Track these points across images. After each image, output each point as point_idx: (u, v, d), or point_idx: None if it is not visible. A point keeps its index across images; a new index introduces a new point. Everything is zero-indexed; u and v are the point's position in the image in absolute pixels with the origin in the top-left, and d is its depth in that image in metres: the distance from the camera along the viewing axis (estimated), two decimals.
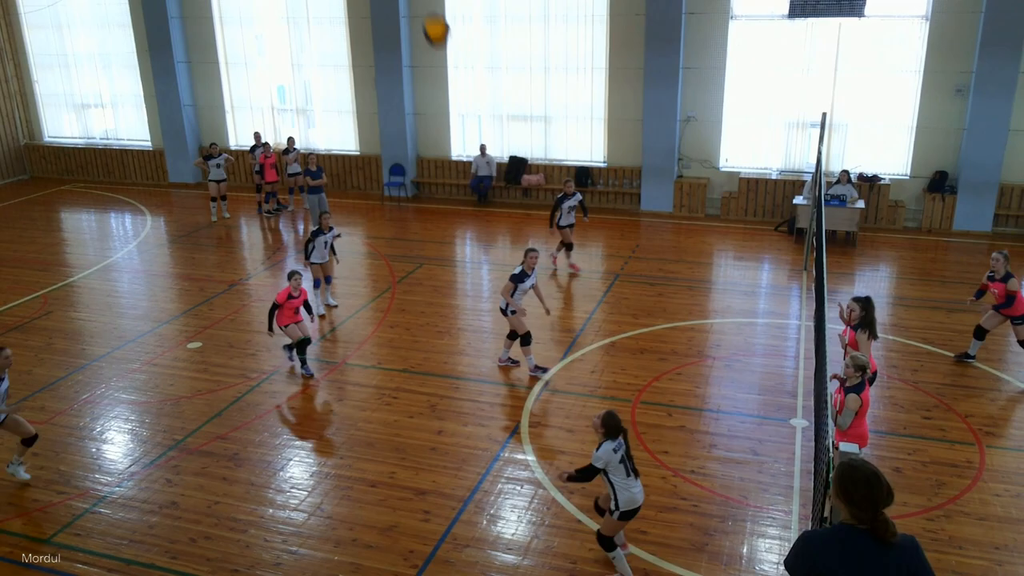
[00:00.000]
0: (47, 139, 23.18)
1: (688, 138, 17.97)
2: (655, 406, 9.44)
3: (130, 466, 8.41)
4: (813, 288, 11.96)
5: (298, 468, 8.34)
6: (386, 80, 19.12)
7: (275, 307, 10.15)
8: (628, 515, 6.44)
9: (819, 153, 13.68)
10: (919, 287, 13.56)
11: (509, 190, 19.39)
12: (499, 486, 7.94)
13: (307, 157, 16.60)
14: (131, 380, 10.35)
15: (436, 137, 19.80)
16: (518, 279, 10.16)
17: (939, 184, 16.64)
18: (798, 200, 16.24)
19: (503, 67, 18.86)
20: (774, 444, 8.63)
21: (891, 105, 16.78)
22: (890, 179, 16.96)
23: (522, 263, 10.31)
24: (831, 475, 3.93)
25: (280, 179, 18.44)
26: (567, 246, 14.15)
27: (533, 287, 10.39)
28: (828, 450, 4.32)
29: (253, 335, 11.63)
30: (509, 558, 6.94)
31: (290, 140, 18.77)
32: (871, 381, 8.18)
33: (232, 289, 13.58)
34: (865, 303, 8.18)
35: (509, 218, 18.14)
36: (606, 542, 6.51)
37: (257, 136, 18.86)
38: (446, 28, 9.11)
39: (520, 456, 8.45)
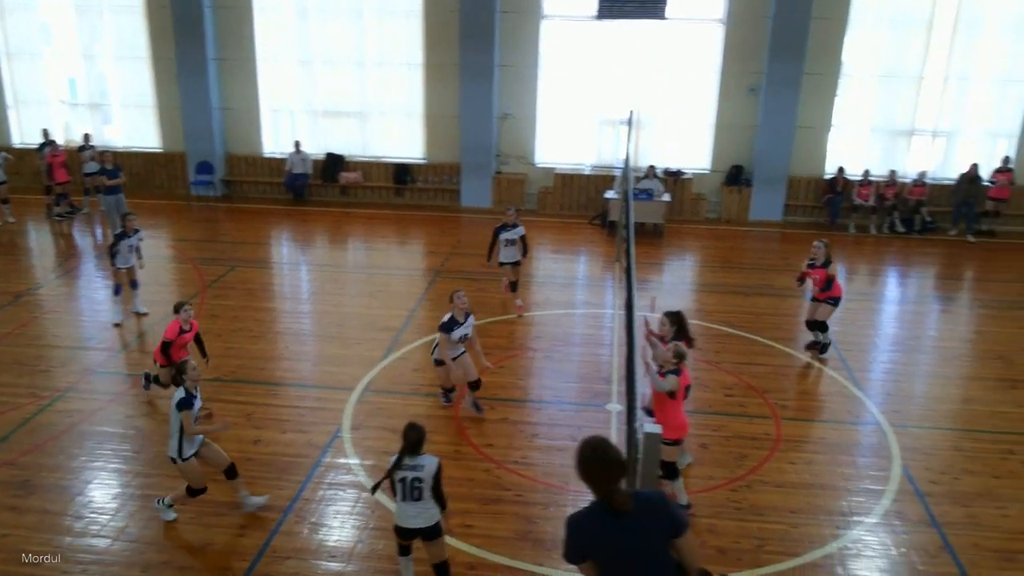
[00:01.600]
0: None
1: (505, 135, 18.26)
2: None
3: None
4: (624, 278, 12.49)
5: (99, 491, 7.73)
6: (189, 73, 18.14)
7: (167, 344, 8.92)
8: (398, 531, 6.15)
9: (627, 149, 14.30)
10: (720, 273, 14.49)
11: (327, 188, 18.93)
12: (321, 493, 7.71)
13: (103, 155, 15.42)
14: None
15: (246, 133, 19.00)
16: (447, 328, 8.70)
17: (735, 178, 17.85)
18: (609, 194, 16.91)
19: (316, 61, 18.38)
20: (592, 429, 8.88)
21: (692, 104, 17.82)
22: (692, 173, 18.00)
23: (451, 309, 8.83)
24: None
25: (73, 179, 17.03)
26: (511, 284, 12.10)
27: (467, 338, 8.91)
28: (636, 432, 4.51)
29: (45, 350, 10.68)
30: (333, 565, 6.76)
31: (86, 137, 17.43)
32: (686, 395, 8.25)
33: (19, 301, 12.41)
34: (676, 317, 8.06)
35: (327, 217, 17.71)
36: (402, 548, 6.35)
37: (45, 133, 17.35)
38: None
39: (342, 460, 8.26)
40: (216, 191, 18.85)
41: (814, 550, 7.02)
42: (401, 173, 18.63)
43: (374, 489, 6.32)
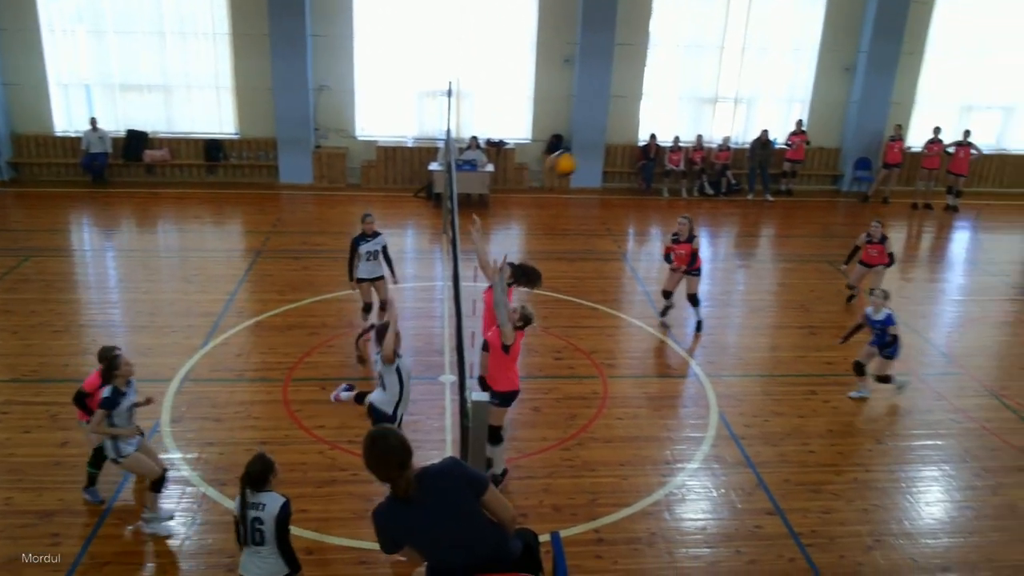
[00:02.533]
0: None
1: (323, 107, 17.71)
2: (308, 381, 9.24)
3: None
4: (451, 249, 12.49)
5: None
6: None
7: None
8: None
9: (448, 120, 14.25)
10: (544, 241, 14.81)
11: (129, 168, 17.65)
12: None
13: None
14: None
15: (34, 111, 17.35)
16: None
17: (556, 147, 18.22)
18: (433, 166, 16.82)
19: (109, 31, 17.01)
20: (427, 402, 8.89)
21: (511, 74, 17.98)
22: (514, 144, 18.22)
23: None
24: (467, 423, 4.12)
25: None
26: (365, 306, 10.12)
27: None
28: (466, 401, 4.52)
29: None
30: (161, 566, 6.37)
31: None
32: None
33: None
34: (519, 270, 8.34)
35: (132, 199, 16.54)
36: None
37: None
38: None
39: (163, 456, 7.77)
40: (2, 175, 17.13)
41: (643, 499, 7.36)
42: (212, 149, 17.67)
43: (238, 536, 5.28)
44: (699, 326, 10.99)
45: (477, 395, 4.14)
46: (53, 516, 6.87)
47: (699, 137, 18.19)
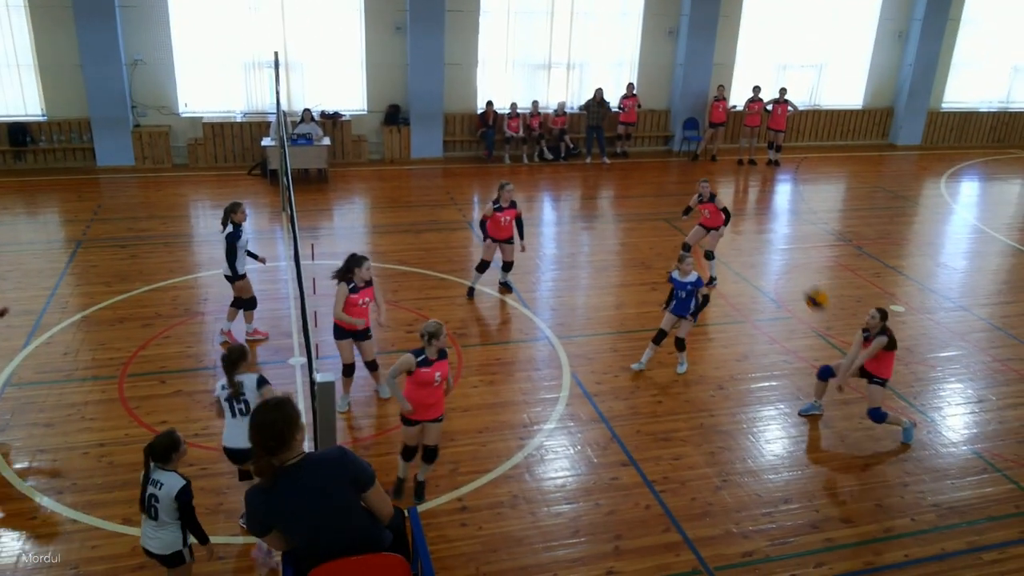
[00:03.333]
0: None
1: (139, 83, 16.57)
2: (145, 376, 8.72)
3: None
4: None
5: None
6: None
7: None
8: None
9: (277, 93, 13.69)
10: (389, 214, 14.59)
11: None
12: None
13: None
14: None
15: None
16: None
17: (394, 117, 17.95)
18: (266, 142, 16.16)
19: None
20: (278, 386, 8.46)
21: (341, 44, 17.46)
22: (350, 115, 17.77)
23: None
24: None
25: None
26: (242, 303, 9.55)
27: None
28: (313, 383, 4.40)
29: None
30: None
31: None
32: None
33: None
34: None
35: None
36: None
37: None
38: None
39: None
40: None
41: (503, 463, 7.46)
42: (17, 133, 16.18)
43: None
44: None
45: (322, 376, 4.03)
46: None
47: (535, 103, 18.39)
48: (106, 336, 9.55)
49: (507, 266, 11.07)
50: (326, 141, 16.48)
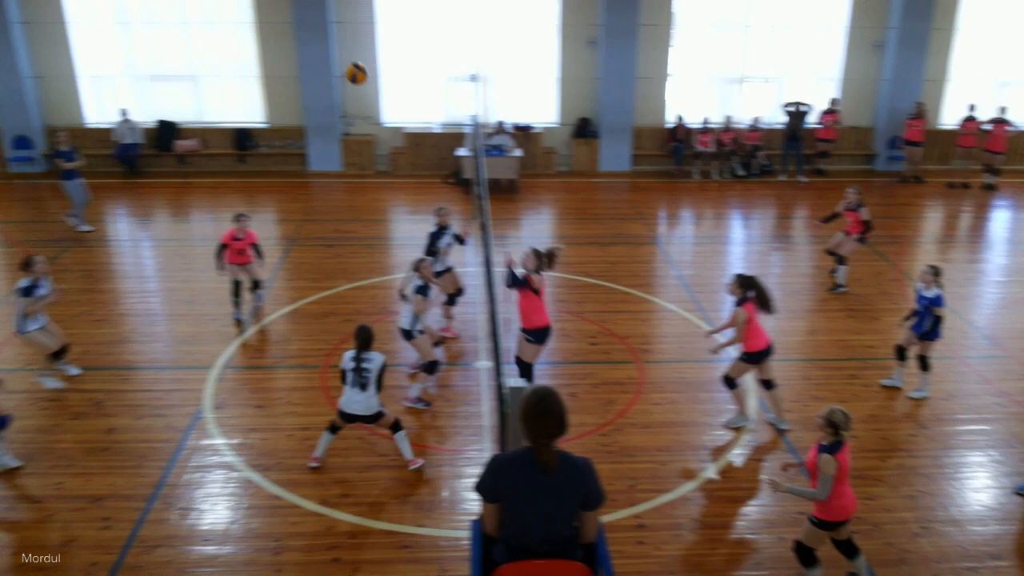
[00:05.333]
0: None
1: (350, 95, 17.74)
2: None
3: None
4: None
5: None
6: None
7: (222, 247, 10.27)
8: (340, 415, 7.26)
9: (475, 106, 14.21)
10: (576, 225, 14.75)
11: (162, 158, 17.82)
12: (187, 477, 7.34)
13: (56, 135, 13.83)
14: None
15: (66, 103, 17.54)
16: (424, 291, 8.30)
17: (583, 130, 18.14)
18: (461, 152, 16.80)
19: (136, 21, 17.11)
20: (463, 388, 8.92)
21: (536, 58, 17.89)
22: (542, 128, 18.15)
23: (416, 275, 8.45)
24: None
25: None
26: (450, 297, 10.27)
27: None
28: (502, 387, 4.54)
29: None
30: (208, 549, 6.47)
31: None
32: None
33: None
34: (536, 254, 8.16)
35: (166, 188, 16.70)
36: (331, 426, 7.43)
37: None
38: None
39: (207, 442, 7.88)
40: (38, 166, 17.35)
41: (683, 484, 7.34)
42: (242, 138, 17.78)
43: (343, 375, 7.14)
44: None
45: (514, 382, 4.15)
46: (103, 501, 6.99)
47: (728, 118, 18.00)
48: (312, 328, 10.28)
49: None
50: (517, 152, 16.92)
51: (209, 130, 17.84)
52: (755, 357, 7.95)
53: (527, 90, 18.16)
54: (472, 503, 7.04)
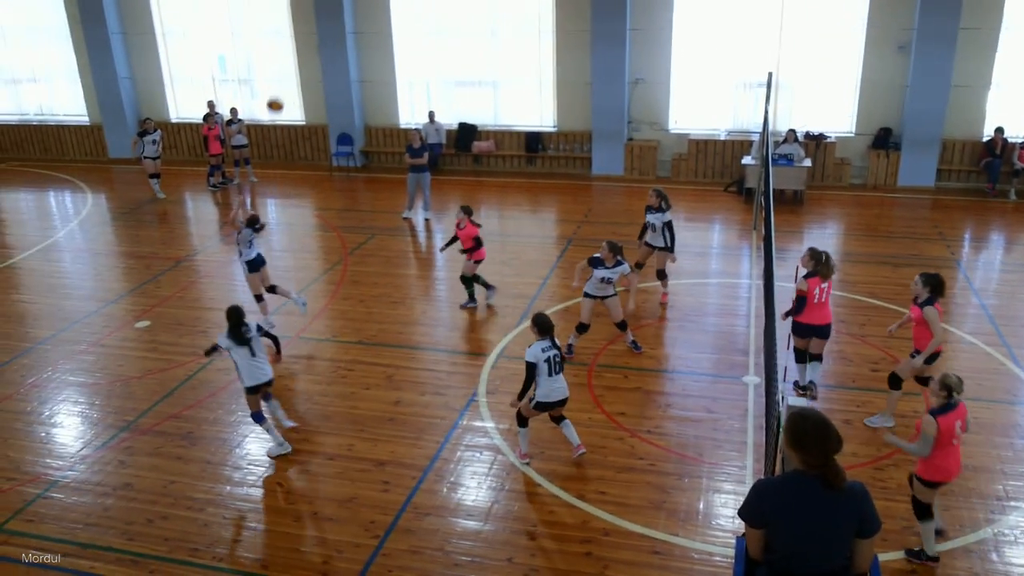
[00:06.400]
0: None
1: (637, 101, 17.98)
2: (611, 368, 9.52)
3: (81, 449, 8.24)
4: (762, 247, 12.11)
5: (254, 445, 8.25)
6: (329, 47, 18.75)
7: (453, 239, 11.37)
8: (543, 406, 7.45)
9: (766, 113, 13.80)
10: (865, 243, 13.82)
11: (460, 157, 19.24)
12: (458, 454, 7.95)
13: (411, 132, 15.76)
14: (78, 362, 10.11)
15: (383, 105, 19.52)
16: (593, 263, 9.49)
17: (883, 141, 16.91)
18: (746, 160, 16.39)
19: (449, 32, 18.61)
20: (727, 401, 8.77)
21: (836, 63, 16.96)
22: (836, 137, 17.19)
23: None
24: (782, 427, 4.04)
25: (225, 151, 18.02)
26: (638, 265, 11.31)
27: (611, 281, 9.49)
28: (778, 404, 4.41)
29: (202, 312, 11.44)
30: (471, 524, 6.97)
31: (233, 111, 18.35)
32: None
33: (179, 266, 13.31)
34: (814, 255, 8.42)
35: (460, 185, 18.02)
36: (520, 419, 7.63)
37: (211, 105, 18.26)
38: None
39: (478, 424, 8.47)
40: (356, 161, 19.49)
41: (966, 534, 6.69)
42: (532, 142, 18.69)
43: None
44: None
45: (794, 400, 4.03)
46: (385, 466, 7.78)
47: None
48: None
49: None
50: (807, 162, 16.17)
51: (504, 133, 18.96)
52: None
53: (823, 97, 17.27)
54: (727, 520, 6.93)
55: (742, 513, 4.01)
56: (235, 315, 7.80)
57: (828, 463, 3.77)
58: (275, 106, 12.54)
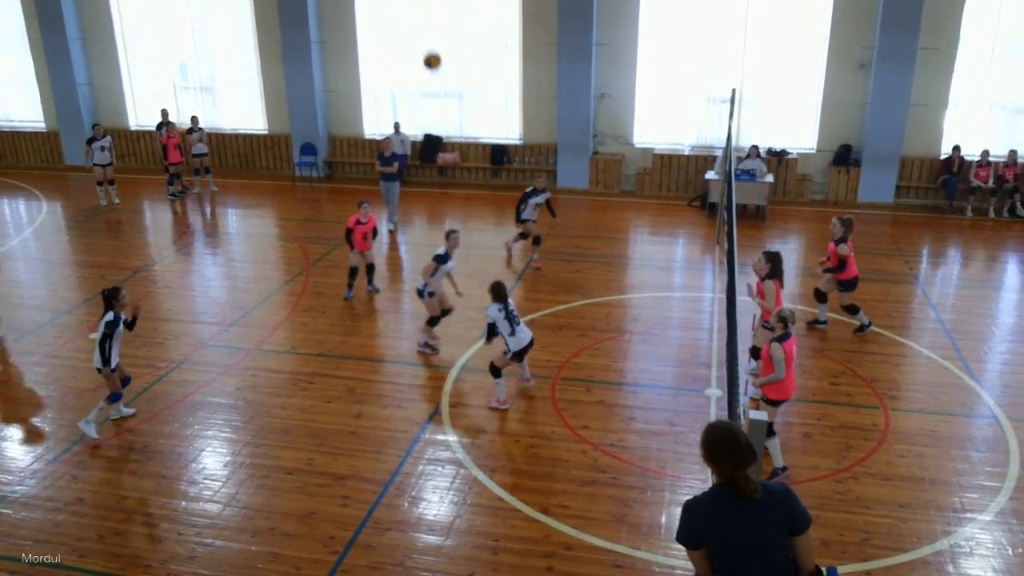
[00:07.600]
0: None
1: (602, 115, 18.07)
2: (574, 382, 9.50)
3: (32, 463, 8.00)
4: (725, 261, 12.20)
5: (211, 459, 8.08)
6: (294, 57, 18.60)
7: (349, 231, 11.84)
8: (519, 354, 8.83)
9: (729, 128, 13.94)
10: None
11: (424, 169, 19.17)
12: (420, 468, 7.86)
13: (382, 142, 15.81)
14: (31, 374, 9.85)
15: (348, 115, 19.39)
16: (442, 259, 10.09)
17: (844, 157, 17.19)
18: (710, 175, 16.54)
19: (415, 44, 18.54)
20: (690, 414, 8.79)
21: (798, 80, 17.21)
22: (797, 153, 17.42)
23: (445, 244, 10.24)
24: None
25: (184, 160, 17.77)
26: (535, 239, 13.31)
27: (448, 271, 10.32)
28: (739, 417, 4.42)
29: (160, 323, 11.21)
30: (432, 539, 6.89)
31: (194, 119, 18.12)
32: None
33: (136, 276, 13.05)
34: (772, 257, 9.00)
35: (426, 197, 17.95)
36: (494, 370, 8.79)
37: (164, 113, 18.09)
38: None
39: (441, 437, 8.39)
40: (319, 172, 19.33)
41: (924, 546, 6.75)
42: (498, 154, 18.69)
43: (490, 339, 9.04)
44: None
45: (756, 415, 4.02)
46: (345, 480, 7.66)
47: (1012, 152, 16.24)
48: (545, 340, 10.58)
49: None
50: (769, 178, 16.37)
51: (469, 145, 18.94)
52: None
53: (785, 114, 17.51)
54: None
55: (679, 537, 3.97)
56: None
57: (737, 475, 3.74)
58: (434, 62, 11.67)
